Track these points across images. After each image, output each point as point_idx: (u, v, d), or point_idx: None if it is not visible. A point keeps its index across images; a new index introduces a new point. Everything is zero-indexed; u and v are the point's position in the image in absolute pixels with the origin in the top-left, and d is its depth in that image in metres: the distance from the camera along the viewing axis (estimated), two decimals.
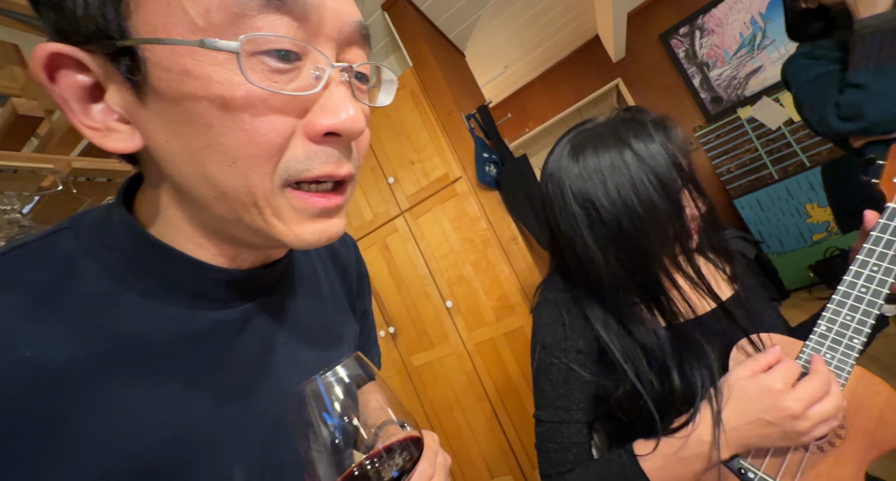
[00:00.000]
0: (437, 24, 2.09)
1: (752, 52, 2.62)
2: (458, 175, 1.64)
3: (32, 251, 0.26)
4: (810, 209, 2.46)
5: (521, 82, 3.38)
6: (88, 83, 0.24)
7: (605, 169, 0.53)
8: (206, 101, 0.22)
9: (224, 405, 0.29)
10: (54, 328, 0.24)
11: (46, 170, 0.65)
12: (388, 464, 0.28)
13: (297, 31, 0.23)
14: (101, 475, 0.23)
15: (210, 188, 0.25)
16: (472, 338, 1.68)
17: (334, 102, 0.25)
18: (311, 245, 0.28)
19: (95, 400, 0.24)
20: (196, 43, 0.21)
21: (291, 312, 0.36)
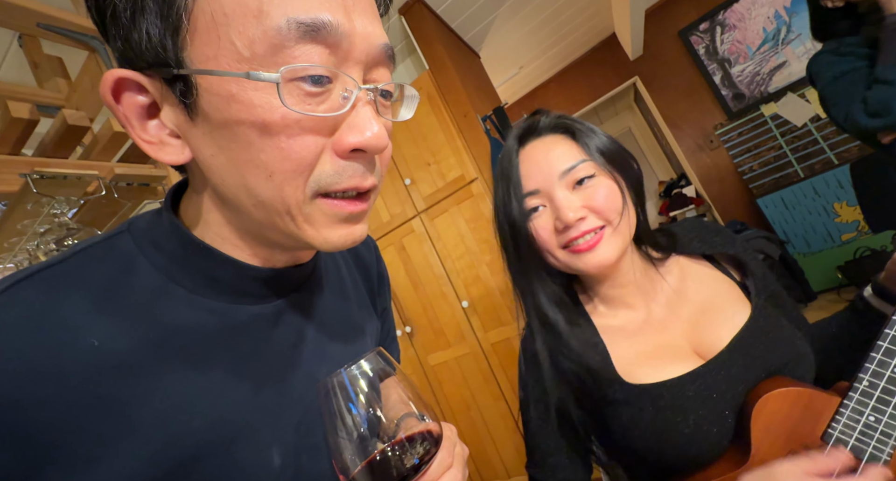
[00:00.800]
0: (453, 27, 2.11)
1: (777, 47, 2.54)
2: (475, 176, 1.65)
3: (99, 251, 0.29)
4: (839, 208, 2.37)
5: (536, 82, 3.37)
6: (146, 103, 0.27)
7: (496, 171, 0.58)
8: (248, 122, 0.25)
9: (261, 391, 0.32)
10: (117, 319, 0.27)
11: (91, 176, 0.69)
12: (409, 453, 0.29)
13: (328, 57, 0.26)
14: (157, 453, 0.26)
15: (249, 197, 0.28)
16: (487, 338, 1.69)
17: (360, 121, 0.27)
18: (337, 247, 0.30)
19: (152, 383, 0.27)
20: (242, 74, 0.24)
21: (319, 308, 0.39)
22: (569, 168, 0.50)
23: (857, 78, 0.82)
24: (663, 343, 0.52)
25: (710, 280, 0.57)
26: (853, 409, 0.41)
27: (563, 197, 0.50)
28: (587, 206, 0.50)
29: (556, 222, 0.50)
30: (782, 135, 2.60)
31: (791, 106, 2.53)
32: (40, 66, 0.96)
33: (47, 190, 0.64)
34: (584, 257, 0.50)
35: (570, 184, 0.51)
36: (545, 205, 0.52)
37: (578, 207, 0.49)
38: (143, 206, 0.84)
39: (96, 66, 0.87)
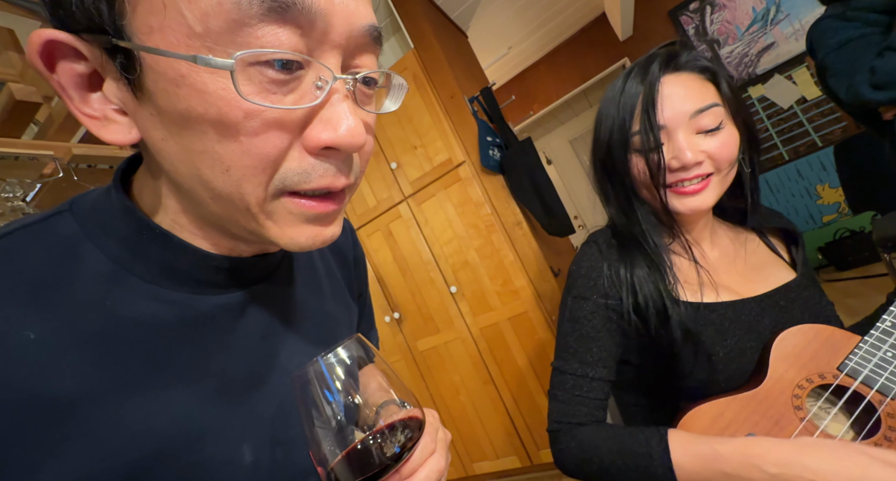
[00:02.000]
0: (439, 4, 2.03)
1: (765, 28, 2.52)
2: (462, 159, 1.62)
3: (34, 233, 0.26)
4: (821, 190, 2.41)
5: (525, 63, 3.30)
6: (86, 71, 0.23)
7: (605, 98, 0.57)
8: (200, 107, 0.22)
9: (230, 386, 0.29)
10: (59, 310, 0.24)
11: (47, 157, 0.65)
12: (390, 440, 0.28)
13: (299, 40, 0.22)
14: (110, 456, 0.23)
15: (205, 189, 0.25)
16: (476, 323, 1.69)
17: (335, 116, 0.24)
18: (305, 248, 0.28)
19: (104, 380, 0.24)
20: (189, 58, 0.20)
21: (289, 298, 0.37)
22: (701, 109, 0.50)
23: (864, 45, 0.76)
24: (712, 279, 0.56)
25: (759, 249, 0.62)
26: (872, 344, 0.44)
27: (687, 138, 0.50)
28: (706, 152, 0.50)
29: (673, 160, 0.50)
30: (768, 118, 2.61)
31: (778, 88, 2.53)
32: None
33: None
34: (686, 200, 0.51)
35: (698, 126, 0.50)
36: (665, 143, 0.51)
37: (699, 151, 0.50)
38: None
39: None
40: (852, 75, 0.77)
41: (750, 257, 0.59)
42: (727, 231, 0.63)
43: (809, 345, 0.46)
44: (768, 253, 0.61)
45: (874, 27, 0.77)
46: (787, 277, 0.56)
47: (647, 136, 0.50)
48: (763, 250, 0.61)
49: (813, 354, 0.46)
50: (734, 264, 0.58)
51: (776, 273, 0.57)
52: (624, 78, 0.55)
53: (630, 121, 0.52)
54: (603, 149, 0.56)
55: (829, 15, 0.85)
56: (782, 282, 0.55)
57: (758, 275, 0.57)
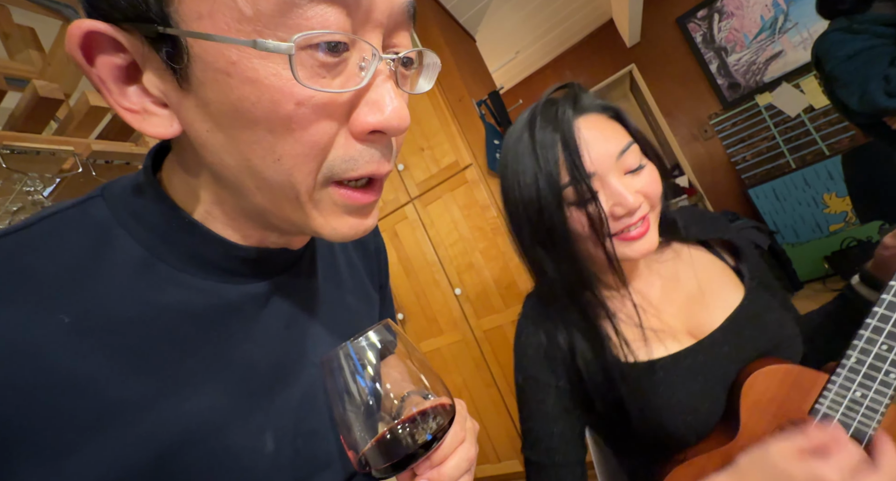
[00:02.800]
0: (448, 8, 2.05)
1: (773, 36, 2.53)
2: (469, 162, 1.63)
3: (68, 218, 0.26)
4: (828, 199, 2.40)
5: (532, 68, 3.32)
6: (125, 63, 0.23)
7: (511, 154, 0.52)
8: (252, 96, 0.21)
9: (253, 374, 0.30)
10: (93, 294, 0.24)
11: (67, 153, 0.66)
12: (421, 427, 0.28)
13: (345, 20, 0.22)
14: (141, 438, 0.24)
15: (254, 179, 0.24)
16: (480, 326, 1.69)
17: (381, 98, 0.24)
18: (346, 238, 0.28)
19: (137, 363, 0.24)
20: (248, 42, 0.20)
21: (312, 289, 0.37)
22: (623, 149, 0.47)
23: (875, 56, 0.77)
24: (657, 324, 0.53)
25: (705, 264, 0.57)
26: (841, 385, 0.42)
27: (621, 180, 0.47)
28: (640, 191, 0.47)
29: (616, 208, 0.47)
30: (776, 126, 2.60)
31: (785, 96, 2.53)
32: (10, 37, 0.90)
33: (19, 166, 0.61)
34: (635, 245, 0.48)
35: (624, 166, 0.48)
36: (598, 190, 0.47)
37: (635, 192, 0.47)
38: None
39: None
40: (865, 84, 0.77)
41: (696, 277, 0.56)
42: (666, 252, 0.59)
43: (779, 390, 0.44)
44: (715, 266, 0.57)
45: (882, 39, 0.78)
46: (736, 296, 0.53)
47: (581, 187, 0.46)
48: (710, 265, 0.57)
49: (783, 400, 0.45)
50: (679, 291, 0.55)
51: (724, 293, 0.53)
52: (528, 128, 0.50)
53: (557, 173, 0.47)
54: (532, 211, 0.49)
55: (835, 28, 0.86)
56: (732, 305, 0.52)
57: (706, 301, 0.53)
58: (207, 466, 0.26)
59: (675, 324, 0.53)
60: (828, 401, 0.42)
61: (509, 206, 0.53)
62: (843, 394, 0.41)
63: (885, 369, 0.39)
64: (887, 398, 0.39)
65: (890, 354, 0.40)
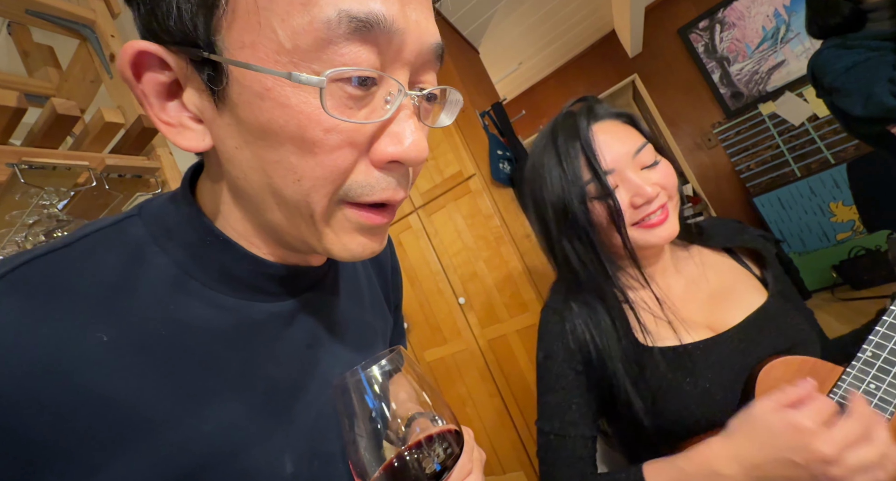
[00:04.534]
0: (452, 21, 2.09)
1: (775, 46, 2.54)
2: (472, 172, 1.64)
3: (107, 236, 0.27)
4: (834, 207, 2.38)
5: (535, 79, 3.35)
6: (168, 80, 0.25)
7: (537, 163, 0.58)
8: (282, 119, 0.23)
9: (274, 394, 0.30)
10: (127, 313, 0.25)
11: (82, 167, 0.68)
12: (429, 456, 0.28)
13: (376, 58, 0.23)
14: (165, 459, 0.24)
15: (273, 197, 0.26)
16: (484, 335, 1.69)
17: (402, 131, 0.25)
18: (355, 257, 0.29)
19: (163, 384, 0.25)
20: (283, 74, 0.22)
21: (333, 308, 0.38)
22: (638, 149, 0.53)
23: (874, 65, 0.79)
24: (678, 315, 0.55)
25: (729, 269, 0.61)
26: (855, 377, 0.43)
27: (638, 174, 0.53)
28: (656, 183, 0.53)
29: (636, 198, 0.52)
30: (780, 135, 2.60)
31: (789, 105, 2.54)
32: (30, 55, 0.94)
33: (36, 180, 0.63)
34: (656, 231, 0.53)
35: (640, 163, 0.53)
36: (617, 185, 0.53)
37: (652, 183, 0.52)
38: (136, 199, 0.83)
39: (88, 55, 0.85)
40: (869, 88, 0.79)
41: (719, 279, 0.59)
42: (693, 255, 0.62)
43: (794, 380, 0.45)
44: (739, 272, 0.60)
45: (878, 51, 0.81)
46: (758, 300, 0.55)
47: (600, 182, 0.52)
48: (733, 270, 0.60)
49: None
50: (702, 291, 0.58)
51: (747, 296, 0.56)
52: (550, 138, 0.57)
53: (579, 172, 0.53)
54: (559, 208, 0.56)
55: (829, 45, 0.88)
56: (753, 307, 0.54)
57: (728, 301, 0.56)
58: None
59: (696, 318, 0.55)
60: (841, 391, 0.43)
61: (538, 208, 0.60)
62: (857, 386, 0.43)
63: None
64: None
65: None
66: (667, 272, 0.60)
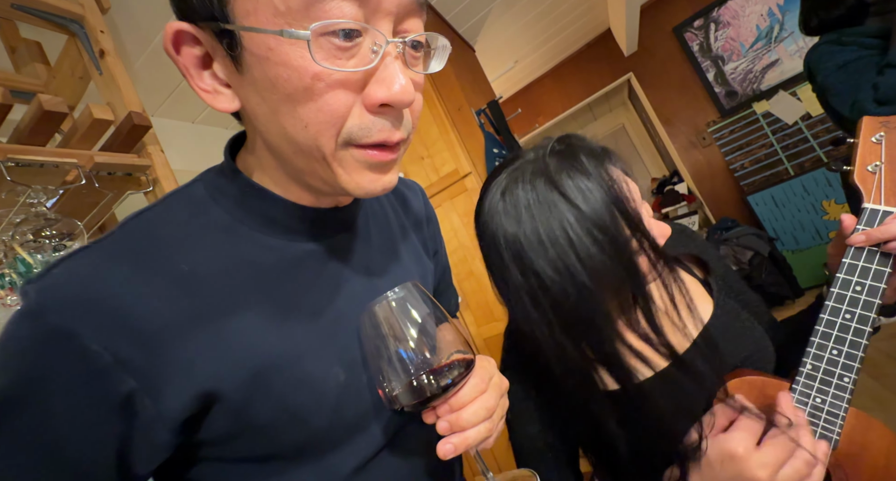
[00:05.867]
0: (448, 19, 2.08)
1: (769, 45, 2.56)
2: (469, 170, 1.64)
3: (179, 197, 0.34)
4: (827, 206, 2.40)
5: (531, 77, 3.35)
6: (201, 54, 0.30)
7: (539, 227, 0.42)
8: (284, 76, 0.27)
9: (320, 318, 0.36)
10: (197, 250, 0.31)
11: (70, 165, 0.67)
12: (445, 375, 0.32)
13: (358, 10, 0.26)
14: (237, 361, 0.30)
15: (290, 144, 0.30)
16: (480, 334, 1.69)
17: (388, 76, 0.28)
18: (369, 193, 0.32)
19: (232, 303, 0.31)
20: (276, 31, 0.26)
21: (367, 247, 0.43)
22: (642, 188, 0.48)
23: (863, 66, 0.79)
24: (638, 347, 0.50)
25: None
26: (801, 392, 0.42)
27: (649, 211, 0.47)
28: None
29: (661, 238, 0.47)
30: (773, 133, 2.62)
31: (783, 104, 2.55)
32: (17, 51, 0.92)
33: (23, 178, 0.61)
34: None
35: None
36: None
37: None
38: (126, 197, 0.81)
39: (76, 50, 0.84)
40: (856, 93, 0.79)
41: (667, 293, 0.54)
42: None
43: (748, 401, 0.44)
44: (686, 280, 0.57)
45: (870, 50, 0.80)
46: (707, 310, 0.53)
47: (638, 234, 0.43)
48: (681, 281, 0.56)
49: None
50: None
51: (696, 307, 0.52)
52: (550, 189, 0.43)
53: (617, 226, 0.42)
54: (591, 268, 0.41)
55: (824, 41, 0.88)
56: (704, 318, 0.52)
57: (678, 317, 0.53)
58: (292, 388, 0.32)
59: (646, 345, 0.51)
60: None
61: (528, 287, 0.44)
62: (804, 401, 0.42)
63: (837, 373, 0.40)
64: (845, 402, 0.40)
65: (840, 358, 0.40)
66: None
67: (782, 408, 0.40)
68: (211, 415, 0.30)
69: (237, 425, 0.30)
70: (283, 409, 0.32)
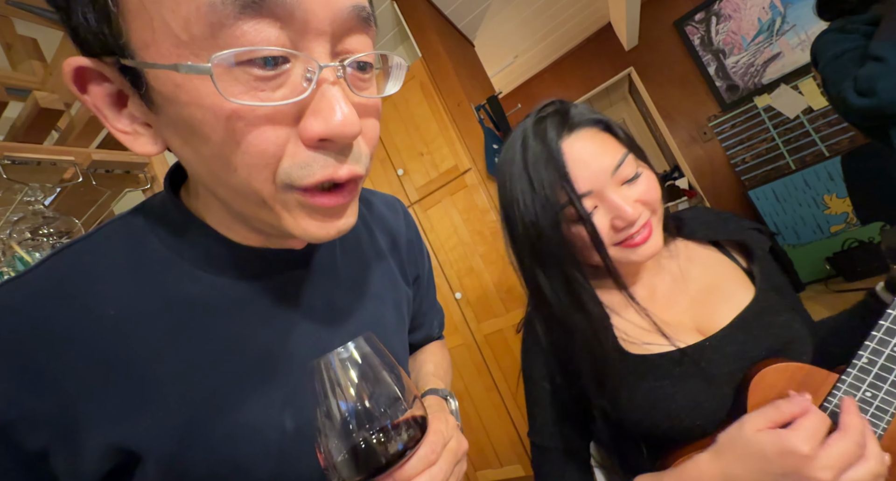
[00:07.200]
0: (447, 14, 2.06)
1: (771, 39, 2.54)
2: (468, 166, 1.63)
3: (117, 228, 0.32)
4: (828, 200, 2.39)
5: (531, 72, 3.33)
6: (113, 91, 0.25)
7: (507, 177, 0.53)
8: (198, 114, 0.23)
9: (269, 359, 0.33)
10: (131, 290, 0.29)
11: (67, 163, 0.66)
12: (393, 441, 0.28)
13: (280, 33, 0.22)
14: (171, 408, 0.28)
15: (223, 188, 0.27)
16: (480, 330, 1.69)
17: (326, 106, 0.24)
18: (318, 239, 0.28)
19: (159, 349, 0.28)
20: (170, 67, 0.21)
21: (331, 280, 0.39)
22: (617, 164, 0.48)
23: (857, 57, 0.79)
24: (665, 319, 0.53)
25: (715, 263, 0.57)
26: (850, 384, 0.41)
27: (619, 195, 0.48)
28: (638, 200, 0.48)
29: (616, 220, 0.48)
30: (775, 127, 2.60)
31: (784, 98, 2.54)
32: (13, 48, 0.91)
33: (20, 176, 0.61)
34: (639, 250, 0.49)
35: (620, 180, 0.48)
36: (596, 206, 0.49)
37: (634, 202, 0.48)
38: (124, 195, 0.81)
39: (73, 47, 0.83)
40: (842, 83, 0.79)
41: (705, 275, 0.56)
42: (677, 250, 0.59)
43: (787, 387, 0.44)
44: (726, 266, 0.57)
45: (868, 38, 0.80)
46: (746, 296, 0.53)
47: (575, 207, 0.47)
48: (720, 264, 0.57)
49: None
50: (689, 289, 0.55)
51: (735, 292, 0.53)
52: (521, 151, 0.51)
53: (553, 195, 0.48)
54: (532, 231, 0.50)
55: (831, 29, 0.88)
56: (742, 305, 0.52)
57: (715, 299, 0.53)
58: (230, 437, 0.30)
59: (683, 320, 0.53)
60: (836, 400, 0.41)
61: (510, 227, 0.54)
62: (853, 394, 0.41)
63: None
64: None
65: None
66: (649, 272, 0.57)
67: (848, 418, 0.38)
68: (141, 468, 0.27)
69: (170, 478, 0.28)
70: (220, 461, 0.29)
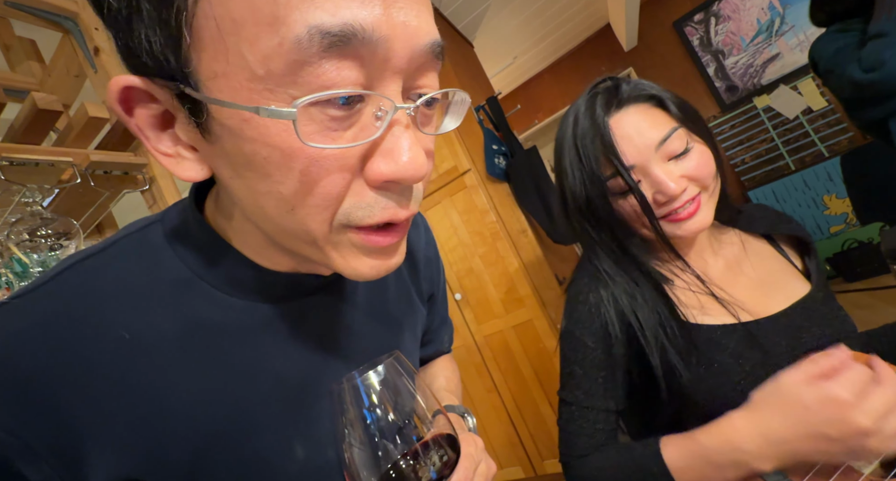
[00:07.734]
0: (446, 15, 2.06)
1: (770, 39, 2.54)
2: (468, 167, 1.63)
3: (132, 243, 0.30)
4: (828, 200, 2.39)
5: (530, 73, 3.33)
6: (159, 111, 0.24)
7: (561, 149, 0.56)
8: (264, 152, 0.22)
9: (285, 387, 0.32)
10: (145, 313, 0.28)
11: (66, 164, 0.66)
12: (425, 464, 0.28)
13: (359, 72, 0.21)
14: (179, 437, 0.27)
15: (271, 225, 0.26)
16: (480, 331, 1.69)
17: (397, 148, 0.23)
18: (367, 278, 0.28)
19: (177, 375, 0.28)
20: (251, 109, 0.20)
21: (351, 304, 0.38)
22: (663, 138, 0.49)
23: (857, 43, 0.82)
24: (722, 294, 0.53)
25: (770, 257, 0.58)
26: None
27: (662, 170, 0.49)
28: (685, 176, 0.49)
29: (658, 195, 0.49)
30: (774, 128, 2.60)
31: (783, 98, 2.54)
32: (11, 49, 0.91)
33: (17, 177, 0.61)
34: (684, 225, 0.50)
35: (666, 155, 0.49)
36: (640, 180, 0.50)
37: (678, 178, 0.49)
38: (123, 196, 0.81)
39: (71, 48, 0.83)
40: (846, 68, 0.82)
41: (760, 266, 0.56)
42: (733, 238, 0.60)
43: None
44: (780, 261, 0.58)
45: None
46: (801, 289, 0.53)
47: (624, 177, 0.49)
48: (774, 258, 0.58)
49: None
50: (743, 275, 0.56)
51: (789, 284, 0.54)
52: (572, 130, 0.54)
53: (598, 168, 0.51)
54: (582, 201, 0.54)
55: (829, 31, 0.91)
56: (797, 296, 0.52)
57: (770, 288, 0.54)
58: (241, 466, 0.29)
59: (739, 299, 0.53)
60: None
61: (564, 195, 0.58)
62: None
63: None
64: None
65: None
66: (704, 253, 0.58)
67: (882, 371, 0.38)
68: None
69: None
70: None
